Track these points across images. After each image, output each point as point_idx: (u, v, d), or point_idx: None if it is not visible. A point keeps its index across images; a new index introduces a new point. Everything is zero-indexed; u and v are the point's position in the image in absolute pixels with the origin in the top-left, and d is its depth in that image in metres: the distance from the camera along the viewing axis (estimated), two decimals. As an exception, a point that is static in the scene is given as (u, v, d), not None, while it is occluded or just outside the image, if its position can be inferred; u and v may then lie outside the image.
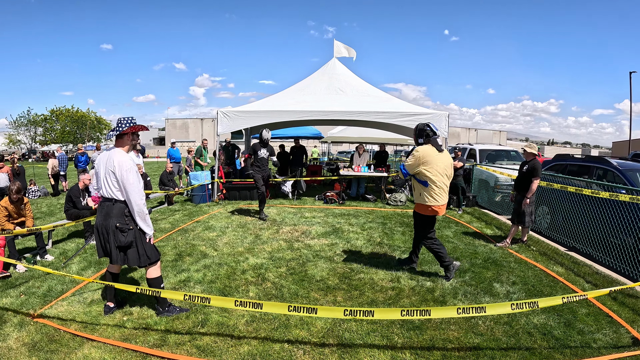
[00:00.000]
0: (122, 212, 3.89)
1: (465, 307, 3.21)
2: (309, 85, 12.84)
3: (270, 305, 3.49)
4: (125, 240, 3.88)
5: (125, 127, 3.93)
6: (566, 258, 6.30)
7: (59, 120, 48.15)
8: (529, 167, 6.76)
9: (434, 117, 10.87)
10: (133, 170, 3.86)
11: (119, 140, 3.99)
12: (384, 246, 6.80)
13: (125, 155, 3.90)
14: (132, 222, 3.93)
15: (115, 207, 3.88)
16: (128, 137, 4.00)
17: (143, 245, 4.00)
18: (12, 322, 3.99)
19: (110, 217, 3.87)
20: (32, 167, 22.79)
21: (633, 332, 3.89)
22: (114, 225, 3.85)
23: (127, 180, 3.80)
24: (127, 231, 3.88)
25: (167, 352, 3.48)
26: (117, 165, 3.79)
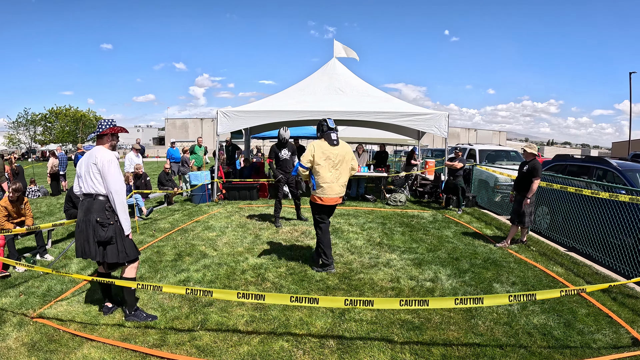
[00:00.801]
0: (103, 206, 3.90)
1: (463, 298, 3.22)
2: (309, 85, 12.84)
3: (272, 296, 3.49)
4: (105, 235, 3.86)
5: (104, 128, 4.03)
6: (566, 258, 6.30)
7: (58, 119, 48.14)
8: (529, 167, 6.71)
9: (433, 117, 10.88)
10: (114, 163, 3.91)
11: (99, 141, 4.09)
12: (383, 246, 6.80)
13: (106, 151, 3.98)
14: (112, 217, 3.93)
15: (96, 202, 3.90)
16: (107, 138, 4.08)
17: (123, 241, 3.99)
18: (11, 322, 3.99)
19: (90, 212, 3.88)
20: (31, 167, 22.78)
21: (633, 333, 3.88)
22: (94, 220, 3.85)
23: (108, 171, 3.84)
24: (107, 226, 3.88)
25: (166, 352, 3.48)
26: (98, 158, 3.86)
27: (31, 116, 47.90)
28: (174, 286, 4.09)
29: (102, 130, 4.03)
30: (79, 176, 4.05)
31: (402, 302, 3.23)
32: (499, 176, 10.39)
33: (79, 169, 4.03)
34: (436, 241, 7.18)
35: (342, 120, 13.00)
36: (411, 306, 3.28)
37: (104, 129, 4.03)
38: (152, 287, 3.76)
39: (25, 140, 49.00)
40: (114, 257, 3.95)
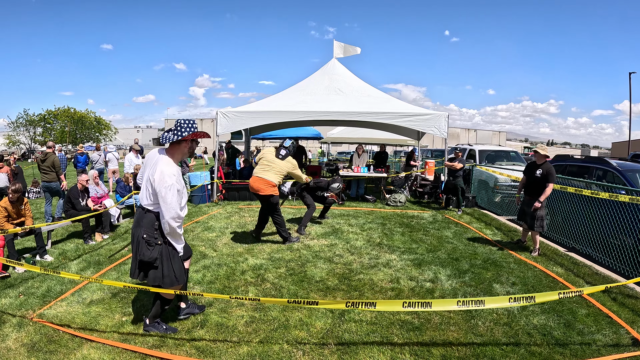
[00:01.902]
0: (153, 223, 3.53)
1: (465, 300, 3.20)
2: (309, 85, 12.85)
3: (269, 300, 3.44)
4: (150, 255, 3.50)
5: (186, 133, 3.49)
6: (566, 259, 6.30)
7: (57, 120, 48.13)
8: (543, 172, 6.34)
9: (433, 117, 10.88)
10: (174, 188, 3.40)
11: (174, 146, 3.56)
12: (383, 247, 6.79)
13: (171, 168, 3.45)
14: (161, 237, 3.56)
15: (147, 217, 3.54)
16: (186, 145, 3.60)
17: (171, 264, 3.59)
18: (11, 323, 3.98)
19: (139, 226, 3.55)
20: (31, 168, 22.75)
21: (633, 333, 3.88)
22: (140, 236, 3.51)
23: (164, 198, 3.38)
24: (154, 245, 3.52)
25: (166, 352, 3.47)
26: (157, 178, 3.38)
27: (29, 117, 47.88)
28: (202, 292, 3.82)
29: (183, 135, 3.49)
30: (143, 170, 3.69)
31: (405, 304, 3.21)
32: (498, 177, 10.38)
33: (146, 164, 3.65)
34: (436, 242, 7.18)
35: (341, 121, 13.02)
36: (415, 308, 3.24)
37: (185, 134, 3.50)
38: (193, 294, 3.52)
39: (25, 141, 48.96)
40: (157, 280, 3.57)
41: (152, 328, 3.81)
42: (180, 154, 3.61)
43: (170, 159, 3.52)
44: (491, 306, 3.45)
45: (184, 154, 3.64)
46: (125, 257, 6.14)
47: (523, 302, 3.30)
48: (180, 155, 3.61)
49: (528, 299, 3.30)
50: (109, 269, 5.60)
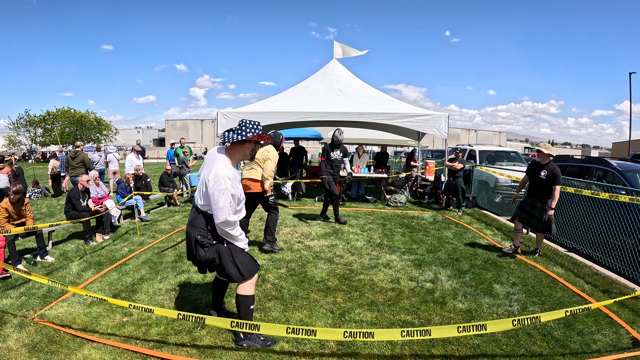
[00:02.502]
0: (205, 225, 3.42)
1: (466, 326, 3.12)
2: (309, 86, 12.86)
3: (267, 327, 3.30)
4: (206, 256, 3.42)
5: (250, 133, 3.34)
6: (566, 259, 6.30)
7: (57, 121, 48.18)
8: (548, 173, 6.06)
9: (433, 118, 10.89)
10: (227, 193, 3.24)
11: (235, 147, 3.41)
12: (383, 247, 6.80)
13: (227, 170, 3.28)
14: (215, 238, 3.44)
15: (200, 218, 3.43)
16: (249, 146, 3.44)
17: (234, 259, 3.44)
18: (12, 323, 3.99)
19: (193, 226, 3.46)
20: (32, 169, 22.79)
21: (633, 333, 3.89)
22: (194, 237, 3.42)
23: (216, 202, 3.23)
24: (208, 246, 3.42)
25: (167, 353, 3.48)
26: (212, 179, 3.23)
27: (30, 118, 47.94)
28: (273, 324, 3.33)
29: (248, 136, 3.33)
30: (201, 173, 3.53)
31: (403, 333, 3.09)
32: (499, 177, 10.39)
33: (206, 161, 3.49)
34: (436, 242, 7.19)
35: (341, 122, 13.04)
36: (413, 337, 3.08)
37: (249, 135, 3.34)
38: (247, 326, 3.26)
39: (26, 142, 49.03)
40: (233, 276, 3.47)
41: (247, 342, 3.60)
42: (241, 155, 3.45)
43: (229, 159, 3.37)
44: (493, 330, 3.37)
45: (245, 155, 3.47)
46: (125, 257, 6.15)
47: (527, 323, 3.24)
48: (240, 157, 3.46)
49: (533, 320, 3.17)
50: (109, 270, 5.60)
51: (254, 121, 3.38)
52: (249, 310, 3.57)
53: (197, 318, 3.30)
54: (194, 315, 3.31)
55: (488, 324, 3.15)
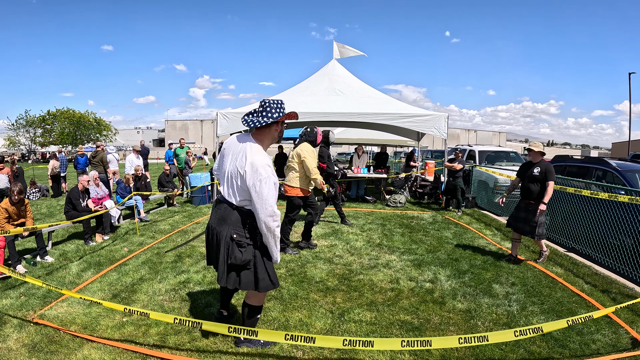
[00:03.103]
0: (243, 222, 3.13)
1: (467, 337, 3.10)
2: (309, 87, 12.86)
3: (265, 333, 3.26)
4: (243, 258, 3.09)
5: (277, 114, 3.06)
6: (565, 259, 6.31)
7: (57, 121, 48.16)
8: (542, 170, 5.83)
9: (433, 118, 10.89)
10: (270, 181, 2.97)
11: (262, 131, 3.14)
12: (383, 247, 6.81)
13: (264, 157, 3.01)
14: (255, 236, 3.16)
15: (234, 214, 3.13)
16: (277, 128, 3.16)
17: (265, 266, 3.19)
18: (12, 323, 4.00)
19: (226, 224, 3.14)
20: (32, 169, 22.76)
21: (632, 333, 3.89)
22: (229, 236, 3.10)
23: (259, 192, 2.94)
24: (246, 246, 3.12)
25: (166, 353, 3.48)
26: (249, 170, 2.96)
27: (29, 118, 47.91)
28: (271, 331, 3.39)
29: (274, 117, 3.05)
30: (221, 160, 3.31)
31: (403, 343, 3.08)
32: (498, 177, 10.39)
33: (224, 153, 3.24)
34: (436, 242, 7.19)
35: (341, 122, 13.03)
36: (413, 347, 3.08)
37: (276, 116, 3.06)
38: (246, 332, 3.20)
39: (25, 142, 48.98)
40: (250, 285, 3.19)
41: (247, 344, 3.54)
42: (270, 140, 3.17)
43: (261, 146, 3.10)
44: (494, 341, 3.35)
45: (274, 138, 3.19)
46: (125, 257, 6.15)
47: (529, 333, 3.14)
48: (269, 141, 3.18)
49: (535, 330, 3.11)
50: (109, 270, 5.60)
51: (277, 100, 3.13)
52: (255, 319, 3.51)
53: (193, 323, 3.28)
54: (191, 320, 3.30)
55: (490, 335, 3.12)
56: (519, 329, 3.15)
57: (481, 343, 3.12)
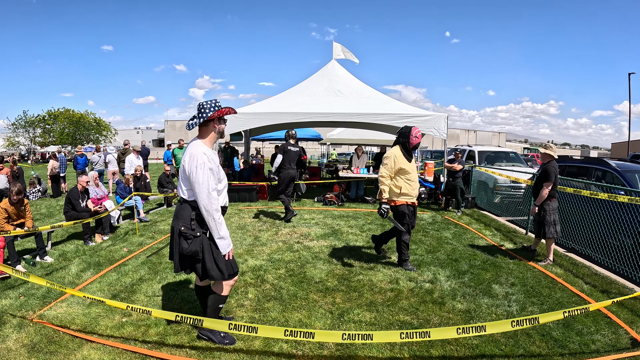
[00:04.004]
0: (189, 214, 3.34)
1: (466, 327, 3.10)
2: (309, 87, 12.87)
3: (265, 329, 3.25)
4: (189, 249, 3.29)
5: (210, 112, 3.31)
6: (565, 259, 6.31)
7: (57, 121, 48.17)
8: (541, 171, 6.15)
9: (432, 118, 10.89)
10: (205, 167, 3.21)
11: (202, 129, 3.40)
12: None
13: (202, 147, 3.30)
14: (200, 229, 3.35)
15: (183, 208, 3.37)
16: (214, 124, 3.40)
17: (213, 256, 3.38)
18: (11, 324, 3.99)
19: (177, 218, 3.38)
20: (31, 169, 22.77)
21: (632, 333, 3.89)
22: (178, 229, 3.32)
23: (195, 178, 3.19)
24: (191, 238, 3.31)
25: (166, 353, 3.48)
26: (187, 159, 3.24)
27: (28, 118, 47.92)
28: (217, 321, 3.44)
29: (208, 115, 3.30)
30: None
31: (402, 335, 3.09)
32: (498, 177, 10.39)
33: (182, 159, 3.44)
34: (435, 242, 7.19)
35: (341, 122, 13.05)
36: (412, 338, 3.10)
37: (210, 114, 3.30)
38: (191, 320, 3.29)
39: (25, 142, 49.00)
40: (212, 273, 3.39)
41: (209, 334, 3.66)
42: (212, 136, 3.43)
43: (201, 141, 3.38)
44: (492, 331, 3.36)
45: (215, 135, 3.45)
46: (125, 258, 6.15)
47: (525, 324, 3.17)
48: (213, 138, 3.43)
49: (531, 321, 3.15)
50: (108, 270, 5.60)
51: (212, 100, 3.36)
52: (217, 308, 3.60)
53: (194, 320, 3.29)
54: (192, 317, 3.30)
55: (487, 325, 3.15)
56: (516, 319, 3.17)
57: (479, 333, 3.12)
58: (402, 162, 5.45)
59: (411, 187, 5.52)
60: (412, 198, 5.59)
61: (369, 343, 3.63)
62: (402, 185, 5.48)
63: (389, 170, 5.49)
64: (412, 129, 5.55)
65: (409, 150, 5.58)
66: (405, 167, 5.46)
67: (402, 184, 5.48)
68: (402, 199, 5.53)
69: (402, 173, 5.47)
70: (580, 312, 3.40)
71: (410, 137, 5.50)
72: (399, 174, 5.48)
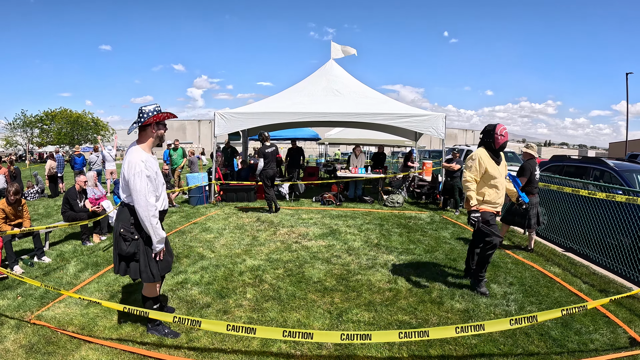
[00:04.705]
0: (128, 217, 3.50)
1: (464, 326, 3.10)
2: (307, 87, 12.86)
3: (264, 330, 3.27)
4: (127, 250, 3.47)
5: (147, 117, 3.43)
6: (563, 259, 6.32)
7: (54, 121, 48.07)
8: (521, 167, 6.75)
9: (430, 118, 10.89)
10: (143, 175, 3.35)
11: (141, 134, 3.54)
12: (381, 247, 6.80)
13: (140, 154, 3.42)
14: (137, 232, 3.51)
15: (123, 212, 3.53)
16: (151, 129, 3.53)
17: (147, 258, 3.55)
18: (9, 324, 3.98)
19: (117, 221, 3.56)
20: (29, 169, 22.71)
21: (630, 332, 3.90)
22: (118, 231, 3.50)
23: (133, 185, 3.34)
24: (130, 240, 3.48)
25: (164, 354, 3.47)
26: (126, 166, 3.38)
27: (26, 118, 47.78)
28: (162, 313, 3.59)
29: (145, 119, 3.43)
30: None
31: (401, 335, 3.09)
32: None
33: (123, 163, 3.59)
34: (434, 242, 7.19)
35: (339, 122, 13.03)
36: (410, 338, 3.08)
37: (146, 118, 3.43)
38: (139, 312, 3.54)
39: (22, 142, 48.86)
40: (136, 274, 3.55)
41: (153, 331, 3.80)
42: (150, 140, 3.59)
43: (139, 147, 3.52)
44: (490, 330, 3.36)
45: (153, 139, 3.60)
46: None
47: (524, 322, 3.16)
48: (149, 142, 3.58)
49: (529, 319, 3.18)
50: (106, 270, 5.59)
51: (152, 105, 3.51)
52: (153, 308, 3.74)
53: (192, 321, 3.29)
54: (190, 319, 3.29)
55: (486, 324, 3.15)
56: (514, 317, 3.18)
57: (478, 332, 3.12)
58: (488, 164, 4.76)
59: (497, 195, 4.83)
60: (496, 207, 4.89)
61: (368, 343, 3.63)
62: (485, 192, 4.82)
63: (474, 173, 4.80)
64: (497, 126, 4.80)
65: (496, 151, 4.84)
66: (491, 170, 4.75)
67: (486, 191, 4.82)
68: (484, 206, 4.86)
69: (486, 178, 4.80)
70: (578, 310, 3.40)
71: (495, 136, 4.77)
72: (482, 179, 4.83)
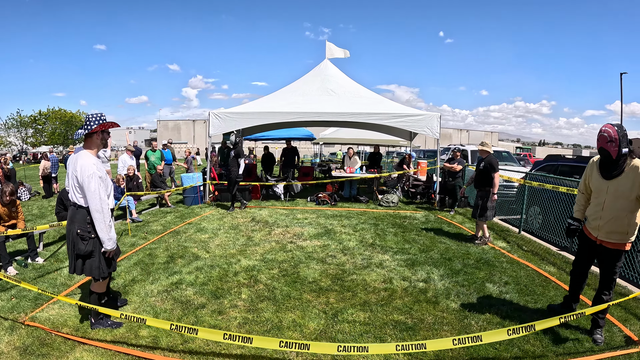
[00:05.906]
0: (85, 218, 3.67)
1: (462, 338, 3.08)
2: (301, 86, 12.84)
3: (260, 340, 3.24)
4: (85, 249, 3.68)
5: (94, 125, 3.63)
6: (558, 258, 6.34)
7: (48, 121, 47.86)
8: (485, 164, 7.13)
9: (425, 118, 10.90)
10: (95, 177, 3.58)
11: (87, 140, 3.72)
12: (376, 247, 6.80)
13: (89, 159, 3.63)
14: (94, 231, 3.69)
15: (79, 213, 3.69)
16: (97, 136, 3.72)
17: (100, 256, 3.77)
18: (3, 326, 3.95)
19: (72, 222, 3.70)
20: (22, 170, 22.59)
21: (626, 331, 3.92)
22: (74, 232, 3.66)
23: (87, 187, 3.55)
24: (88, 240, 3.69)
25: (159, 355, 3.46)
26: (79, 170, 3.55)
27: (20, 118, 47.55)
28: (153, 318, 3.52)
29: (92, 127, 3.61)
30: (67, 174, 3.83)
31: (398, 347, 3.09)
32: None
33: (67, 169, 3.78)
34: (429, 242, 7.20)
35: (333, 122, 13.01)
36: (408, 350, 3.09)
37: (93, 126, 3.62)
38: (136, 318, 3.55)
39: (17, 142, 48.62)
40: (95, 271, 3.77)
41: (98, 325, 3.94)
42: (95, 146, 3.75)
43: (87, 151, 3.71)
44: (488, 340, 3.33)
45: (98, 145, 3.77)
46: (117, 258, 6.10)
47: (521, 332, 3.15)
48: (95, 147, 3.76)
49: (527, 329, 3.15)
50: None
51: (97, 114, 3.68)
52: (99, 304, 3.89)
53: (189, 329, 3.27)
54: (187, 327, 3.27)
55: (483, 335, 3.12)
56: (512, 327, 3.14)
57: (475, 343, 3.11)
58: (591, 175, 3.97)
59: (594, 215, 3.83)
60: (592, 229, 3.88)
61: (364, 337, 3.62)
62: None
63: (580, 182, 4.18)
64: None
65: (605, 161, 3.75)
66: (591, 182, 3.95)
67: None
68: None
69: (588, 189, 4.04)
70: (576, 318, 3.40)
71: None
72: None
